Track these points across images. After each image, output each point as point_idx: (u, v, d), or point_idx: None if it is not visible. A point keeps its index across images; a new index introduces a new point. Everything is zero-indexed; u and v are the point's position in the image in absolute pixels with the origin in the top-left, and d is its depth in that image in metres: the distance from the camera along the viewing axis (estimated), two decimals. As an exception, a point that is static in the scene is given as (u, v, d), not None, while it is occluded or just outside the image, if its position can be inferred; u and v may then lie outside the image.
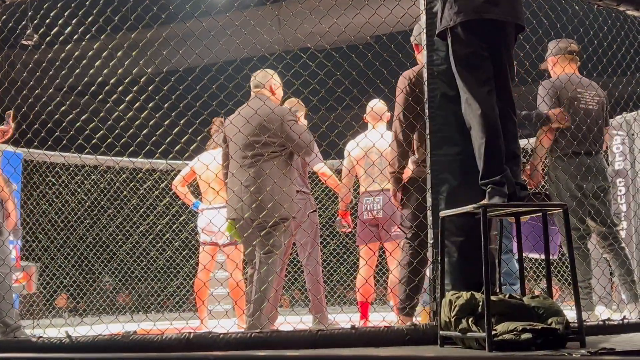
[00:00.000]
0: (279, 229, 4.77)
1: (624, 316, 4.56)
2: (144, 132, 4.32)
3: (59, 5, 4.28)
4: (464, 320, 3.30)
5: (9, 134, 5.04)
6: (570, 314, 3.51)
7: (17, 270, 6.00)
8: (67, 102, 4.34)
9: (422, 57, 4.00)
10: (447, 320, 3.40)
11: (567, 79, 4.89)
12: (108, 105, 4.38)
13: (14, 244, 6.19)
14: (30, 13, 4.43)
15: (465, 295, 3.36)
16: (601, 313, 4.98)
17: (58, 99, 4.34)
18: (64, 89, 4.43)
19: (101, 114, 4.36)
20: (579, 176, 4.83)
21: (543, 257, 4.97)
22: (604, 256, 5.19)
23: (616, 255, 4.98)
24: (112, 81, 4.38)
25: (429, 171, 3.85)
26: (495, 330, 3.12)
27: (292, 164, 4.94)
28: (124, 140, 4.37)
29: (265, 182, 4.68)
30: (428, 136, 3.86)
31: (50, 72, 4.39)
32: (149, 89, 4.41)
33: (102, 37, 4.32)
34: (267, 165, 4.75)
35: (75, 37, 4.32)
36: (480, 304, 3.27)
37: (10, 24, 4.48)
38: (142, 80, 4.40)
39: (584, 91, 4.99)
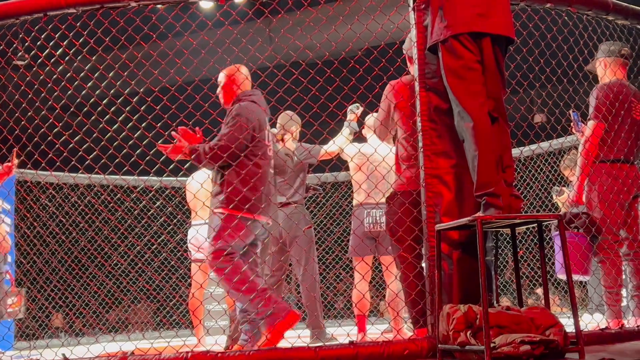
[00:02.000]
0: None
1: (622, 324, 4.56)
2: (137, 151, 4.31)
3: (49, 26, 4.27)
4: (462, 334, 3.29)
5: (11, 172, 5.06)
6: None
7: (13, 295, 5.97)
8: (60, 123, 4.33)
9: (414, 70, 4.01)
10: (446, 333, 3.39)
11: (624, 85, 4.89)
12: (101, 125, 4.37)
13: (6, 269, 6.16)
14: (21, 35, 4.43)
15: (462, 308, 3.35)
16: (599, 321, 4.98)
17: (50, 120, 4.33)
18: (56, 110, 4.42)
19: (94, 135, 4.35)
20: (617, 183, 4.81)
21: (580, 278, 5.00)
22: (623, 265, 5.13)
23: (637, 266, 4.95)
24: (104, 101, 4.38)
25: (424, 184, 3.85)
26: (494, 342, 3.11)
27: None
28: (117, 160, 4.37)
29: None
30: (421, 149, 3.87)
31: (42, 93, 4.39)
32: (141, 107, 4.40)
33: (93, 57, 4.32)
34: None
35: (66, 57, 4.31)
36: (478, 316, 3.27)
37: (0, 46, 4.47)
38: (134, 99, 4.40)
39: (636, 101, 4.97)
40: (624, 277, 4.97)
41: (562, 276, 4.92)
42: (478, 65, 3.64)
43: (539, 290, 9.85)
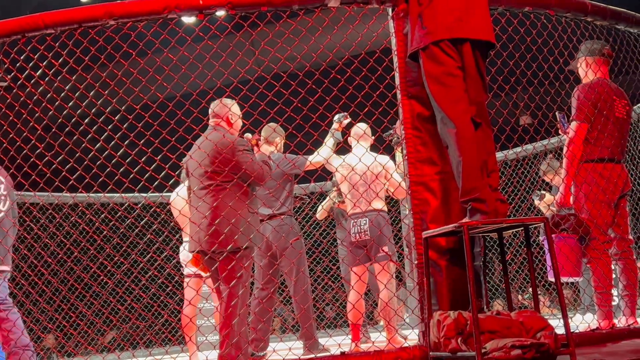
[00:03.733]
0: (234, 261, 4.69)
1: (613, 324, 4.56)
2: (121, 170, 4.29)
3: (28, 47, 4.25)
4: (453, 340, 3.28)
5: None
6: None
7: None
8: (42, 143, 4.31)
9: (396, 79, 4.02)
10: (437, 340, 3.38)
11: (605, 84, 4.89)
12: (83, 144, 4.35)
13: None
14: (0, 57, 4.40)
15: (452, 314, 3.35)
16: (590, 322, 4.98)
17: (33, 141, 4.31)
18: (38, 131, 4.39)
19: (77, 155, 4.33)
20: (603, 183, 4.81)
21: (571, 280, 4.99)
22: (613, 265, 5.13)
23: (626, 265, 4.95)
24: (86, 120, 4.35)
25: (409, 192, 3.85)
26: (485, 348, 3.10)
27: (249, 190, 4.88)
28: (101, 179, 4.34)
29: (219, 211, 4.65)
30: (405, 157, 3.87)
31: (23, 115, 4.36)
32: (124, 125, 4.38)
33: (73, 77, 4.30)
34: (221, 193, 4.71)
35: (47, 78, 4.29)
36: (468, 322, 3.26)
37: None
38: (116, 117, 4.37)
39: (618, 99, 4.98)
40: (613, 276, 4.98)
41: (552, 278, 4.92)
42: (459, 71, 3.65)
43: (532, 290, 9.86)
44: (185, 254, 6.23)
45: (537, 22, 4.57)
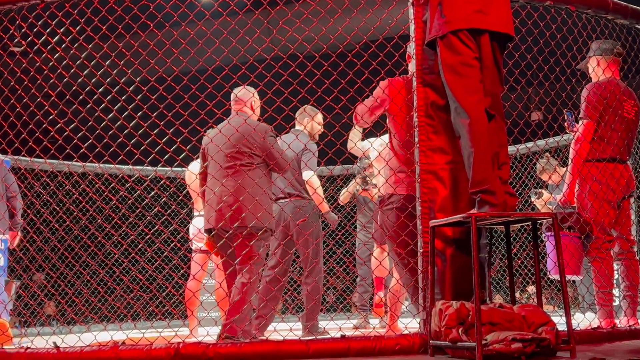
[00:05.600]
0: (256, 239, 4.75)
1: (614, 324, 4.56)
2: (132, 141, 4.29)
3: (46, 13, 4.25)
4: (454, 330, 3.29)
5: None
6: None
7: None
8: (55, 110, 4.31)
9: (412, 67, 4.00)
10: (438, 329, 3.39)
11: (615, 83, 4.85)
12: (96, 113, 4.36)
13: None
14: (17, 21, 4.40)
15: (455, 304, 3.35)
16: (591, 320, 4.98)
17: (46, 107, 4.31)
18: (52, 97, 4.40)
19: (89, 123, 4.33)
20: (610, 183, 4.79)
21: (573, 278, 5.00)
22: (615, 264, 5.12)
23: (629, 265, 4.94)
24: (100, 89, 4.36)
25: (419, 180, 3.84)
26: (486, 340, 3.11)
27: (268, 175, 4.96)
28: (112, 149, 4.35)
29: (241, 192, 4.69)
30: (417, 145, 3.86)
31: (38, 80, 4.37)
32: (138, 97, 4.39)
33: (90, 45, 4.30)
34: (248, 172, 4.76)
35: (63, 45, 4.29)
36: (470, 313, 3.27)
37: (-3, 32, 4.45)
38: (130, 88, 4.38)
39: (627, 99, 4.95)
40: (615, 276, 4.97)
41: (553, 276, 4.92)
42: (476, 62, 3.64)
43: (530, 288, 9.87)
44: (194, 228, 6.26)
45: (558, 17, 4.54)
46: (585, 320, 5.17)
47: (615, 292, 4.97)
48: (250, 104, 5.12)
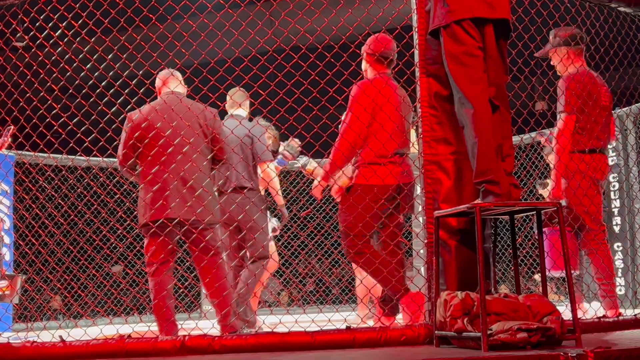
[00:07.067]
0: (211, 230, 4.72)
1: (620, 313, 4.56)
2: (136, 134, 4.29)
3: (48, 7, 4.25)
4: (459, 320, 3.29)
5: (3, 147, 5.06)
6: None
7: (4, 279, 5.95)
8: (59, 105, 4.31)
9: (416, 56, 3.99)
10: (443, 320, 3.40)
11: (587, 72, 4.85)
12: (99, 108, 4.35)
13: (4, 251, 6.16)
14: (20, 16, 4.40)
15: (460, 295, 3.35)
16: (597, 310, 4.98)
17: (49, 102, 4.32)
18: (55, 92, 4.40)
19: (92, 117, 4.33)
20: (594, 174, 4.79)
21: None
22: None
23: (595, 253, 4.93)
24: (103, 83, 4.35)
25: (422, 171, 3.84)
26: (491, 329, 3.11)
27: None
28: (115, 143, 4.35)
29: (196, 180, 4.57)
30: (421, 136, 3.85)
31: (41, 75, 4.37)
32: (141, 90, 4.39)
33: (92, 39, 4.30)
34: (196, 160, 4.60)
35: (65, 39, 4.29)
36: (475, 303, 3.27)
37: (-1, 27, 4.45)
38: (133, 81, 4.37)
39: (601, 87, 4.94)
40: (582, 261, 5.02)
41: (553, 274, 4.90)
42: (480, 52, 3.62)
43: (537, 277, 9.86)
44: None
45: (561, 5, 4.52)
46: (591, 309, 5.17)
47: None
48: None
